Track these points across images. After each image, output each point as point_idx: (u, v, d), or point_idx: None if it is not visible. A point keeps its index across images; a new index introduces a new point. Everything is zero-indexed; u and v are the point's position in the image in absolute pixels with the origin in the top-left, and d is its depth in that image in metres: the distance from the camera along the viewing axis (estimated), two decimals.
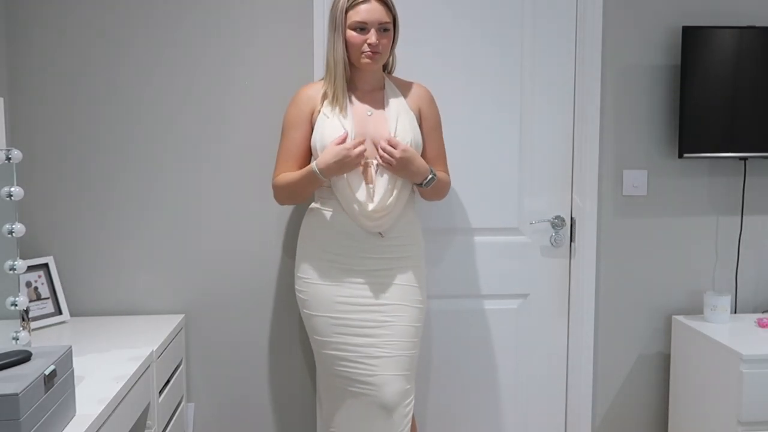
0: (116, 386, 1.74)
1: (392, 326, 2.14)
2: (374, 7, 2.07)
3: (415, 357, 2.18)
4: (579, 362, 2.67)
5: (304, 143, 2.19)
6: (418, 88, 2.28)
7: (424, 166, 2.14)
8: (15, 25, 2.37)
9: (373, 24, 2.08)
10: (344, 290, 2.15)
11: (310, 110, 2.18)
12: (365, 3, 2.07)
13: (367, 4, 2.07)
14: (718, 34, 2.52)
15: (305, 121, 2.18)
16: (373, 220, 2.11)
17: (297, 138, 2.19)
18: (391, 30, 2.13)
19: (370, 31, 2.08)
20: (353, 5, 2.07)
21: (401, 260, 2.19)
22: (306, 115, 2.18)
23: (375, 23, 2.08)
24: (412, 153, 2.10)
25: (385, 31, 2.10)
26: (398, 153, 2.06)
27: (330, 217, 2.17)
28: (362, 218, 2.11)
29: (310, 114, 2.18)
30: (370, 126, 2.15)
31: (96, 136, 2.44)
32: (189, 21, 2.44)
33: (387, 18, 2.09)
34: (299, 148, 2.19)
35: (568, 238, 2.65)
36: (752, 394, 2.21)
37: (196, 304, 2.53)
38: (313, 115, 2.18)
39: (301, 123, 2.18)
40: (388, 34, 2.12)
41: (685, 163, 2.64)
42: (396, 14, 2.14)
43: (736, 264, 2.69)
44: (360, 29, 2.08)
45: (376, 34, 2.08)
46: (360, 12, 2.07)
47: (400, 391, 2.11)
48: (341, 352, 2.14)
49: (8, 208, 1.67)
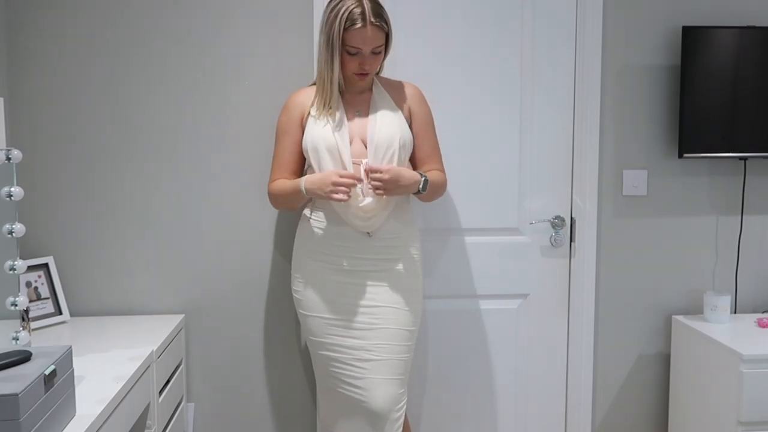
0: (116, 386, 1.74)
1: (383, 329, 2.13)
2: (369, 34, 2.05)
3: (408, 361, 2.17)
4: (579, 362, 2.67)
5: (296, 148, 2.20)
6: (407, 86, 2.28)
7: (413, 174, 2.13)
8: (15, 25, 2.37)
9: (367, 50, 2.07)
10: (336, 291, 2.16)
11: (300, 116, 2.20)
12: (360, 30, 2.04)
13: (363, 30, 2.04)
14: (718, 34, 2.52)
15: (296, 127, 2.20)
16: (363, 219, 2.11)
17: (289, 144, 2.21)
18: (383, 50, 2.13)
19: (363, 55, 2.08)
20: (348, 29, 2.04)
21: (393, 262, 2.18)
22: (296, 120, 2.20)
23: (369, 49, 2.07)
24: (396, 169, 2.07)
25: (378, 53, 2.11)
26: (386, 175, 2.04)
27: (323, 218, 2.18)
28: (352, 218, 2.11)
29: (300, 119, 2.20)
30: (358, 126, 2.16)
31: (96, 137, 2.44)
32: (190, 23, 2.44)
33: (380, 42, 2.09)
34: (291, 154, 2.21)
35: (568, 238, 2.65)
36: (752, 394, 2.21)
37: (196, 304, 2.53)
38: (303, 119, 2.19)
39: (291, 129, 2.20)
40: (378, 56, 2.12)
41: (685, 163, 2.64)
42: (389, 29, 2.12)
43: (736, 264, 2.69)
44: (354, 53, 2.08)
45: (369, 58, 2.09)
46: (355, 38, 2.05)
47: (390, 396, 2.10)
48: (333, 353, 2.15)
49: (8, 208, 1.67)
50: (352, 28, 2.03)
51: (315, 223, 2.20)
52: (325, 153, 2.11)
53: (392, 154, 2.12)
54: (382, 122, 2.15)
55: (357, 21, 2.03)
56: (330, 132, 2.11)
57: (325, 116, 2.13)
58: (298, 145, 2.20)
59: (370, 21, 2.04)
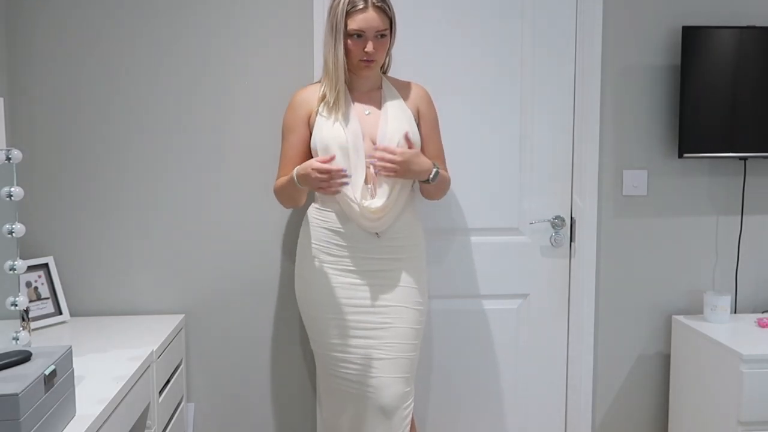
0: (116, 386, 1.74)
1: (392, 328, 2.14)
2: (371, 15, 2.06)
3: (415, 359, 2.18)
4: (579, 362, 2.67)
5: (303, 146, 2.19)
6: (417, 88, 2.28)
7: (427, 161, 2.14)
8: (15, 25, 2.37)
9: (370, 32, 2.07)
10: (343, 291, 2.15)
11: (307, 113, 2.19)
12: (363, 12, 2.05)
13: (364, 13, 2.06)
14: (718, 34, 2.52)
15: (302, 124, 2.19)
16: (372, 220, 2.11)
17: (295, 141, 2.20)
18: (388, 35, 2.13)
19: (367, 39, 2.08)
20: (351, 13, 2.06)
21: (401, 261, 2.18)
22: (302, 118, 2.19)
23: (372, 31, 2.07)
24: (410, 152, 2.10)
25: (382, 37, 2.10)
26: (398, 157, 2.06)
27: (329, 218, 2.18)
28: (361, 218, 2.11)
29: (307, 117, 2.19)
30: (368, 125, 2.15)
31: (96, 137, 2.44)
32: (190, 22, 2.44)
33: (384, 25, 2.09)
34: (298, 151, 2.19)
35: (568, 238, 2.65)
36: (752, 394, 2.21)
37: (196, 304, 2.53)
38: (311, 117, 2.18)
39: (297, 126, 2.19)
40: (384, 40, 2.11)
41: (685, 163, 2.64)
42: (393, 16, 2.13)
43: (736, 264, 2.69)
44: (357, 36, 2.08)
45: (372, 42, 2.08)
46: (357, 20, 2.06)
47: (400, 394, 2.11)
48: (340, 353, 2.14)
49: (8, 208, 1.67)
50: (354, 10, 2.05)
51: (322, 224, 2.19)
52: (337, 152, 2.10)
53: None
54: (392, 120, 2.15)
55: (359, 3, 2.05)
56: (341, 131, 2.11)
57: (334, 114, 2.13)
58: (305, 143, 2.19)
59: (373, 3, 2.06)
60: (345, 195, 2.10)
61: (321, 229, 2.19)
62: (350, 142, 2.09)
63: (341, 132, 2.10)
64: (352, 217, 2.12)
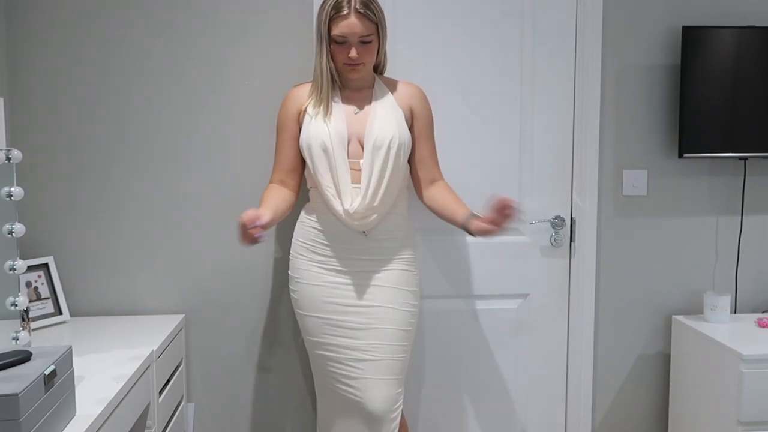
0: (116, 386, 1.74)
1: (379, 330, 2.13)
2: (353, 22, 2.05)
3: (405, 361, 2.17)
4: (579, 362, 2.67)
5: (293, 144, 2.20)
6: (410, 86, 2.27)
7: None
8: (15, 25, 2.37)
9: (353, 38, 2.06)
10: (332, 291, 2.15)
11: (297, 110, 2.19)
12: (345, 18, 2.04)
13: (347, 20, 2.04)
14: (718, 34, 2.52)
15: (293, 122, 2.20)
16: (358, 219, 2.11)
17: (286, 139, 2.21)
18: (375, 40, 2.11)
19: (350, 44, 2.07)
20: (334, 19, 2.05)
21: (389, 262, 2.18)
22: (293, 115, 2.20)
23: (355, 37, 2.06)
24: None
25: (367, 42, 2.09)
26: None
27: (319, 218, 2.18)
28: (347, 218, 2.11)
29: (297, 114, 2.19)
30: (357, 125, 2.15)
31: (96, 137, 2.44)
32: (187, 23, 2.44)
33: (367, 31, 2.07)
34: (289, 150, 2.20)
35: (568, 238, 2.65)
36: (752, 394, 2.21)
37: (196, 304, 2.53)
38: (300, 114, 2.19)
39: (289, 123, 2.20)
40: (369, 46, 2.10)
41: (685, 163, 2.64)
42: (380, 21, 2.11)
43: (736, 264, 2.69)
44: (341, 42, 2.07)
45: (356, 48, 2.07)
46: (340, 27, 2.05)
47: (386, 396, 2.09)
48: (329, 352, 2.15)
49: (8, 208, 1.67)
50: (337, 15, 2.04)
51: (311, 224, 2.20)
52: (319, 152, 2.10)
53: (388, 154, 2.11)
54: (380, 121, 2.14)
55: (342, 9, 2.04)
56: (325, 130, 2.10)
57: (321, 113, 2.13)
58: (296, 141, 2.19)
59: (355, 9, 2.04)
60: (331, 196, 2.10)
61: (310, 228, 2.20)
62: (333, 141, 2.09)
63: (324, 131, 2.10)
64: (339, 217, 2.12)
